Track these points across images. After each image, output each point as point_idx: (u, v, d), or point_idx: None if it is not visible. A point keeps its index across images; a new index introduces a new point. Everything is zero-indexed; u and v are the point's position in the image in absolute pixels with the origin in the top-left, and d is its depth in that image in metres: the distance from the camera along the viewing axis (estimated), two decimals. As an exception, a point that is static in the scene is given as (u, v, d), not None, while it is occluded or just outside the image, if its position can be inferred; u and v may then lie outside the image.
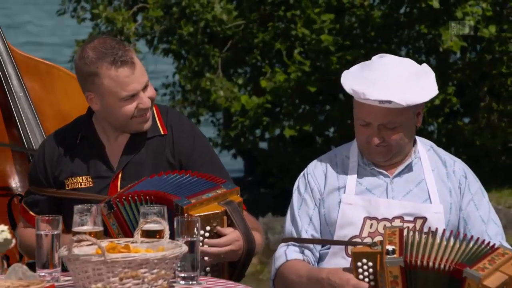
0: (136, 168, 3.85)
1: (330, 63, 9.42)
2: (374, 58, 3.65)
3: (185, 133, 3.97)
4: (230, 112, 10.02)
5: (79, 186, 3.85)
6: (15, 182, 4.65)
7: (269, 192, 10.56)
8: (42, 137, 4.58)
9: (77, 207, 3.45)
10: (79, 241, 3.24)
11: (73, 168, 3.89)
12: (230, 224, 3.65)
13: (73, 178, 3.85)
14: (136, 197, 3.68)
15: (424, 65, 3.61)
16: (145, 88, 3.79)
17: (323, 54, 9.43)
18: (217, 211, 3.65)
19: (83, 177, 3.85)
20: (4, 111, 4.66)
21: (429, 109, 9.23)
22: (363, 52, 9.44)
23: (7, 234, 3.06)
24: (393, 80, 3.53)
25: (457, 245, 3.39)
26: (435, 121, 9.83)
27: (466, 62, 9.05)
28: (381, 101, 3.48)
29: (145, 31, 10.30)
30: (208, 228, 3.64)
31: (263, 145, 10.64)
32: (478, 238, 3.43)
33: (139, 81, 3.78)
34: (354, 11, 9.46)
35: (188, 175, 3.76)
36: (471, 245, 3.40)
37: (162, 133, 3.91)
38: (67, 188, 3.85)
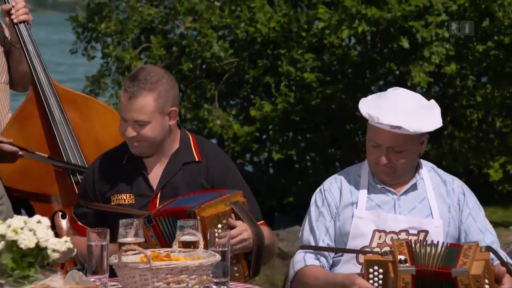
0: (173, 188, 3.86)
1: (312, 96, 9.40)
2: (389, 90, 3.69)
3: (219, 163, 3.97)
4: (223, 139, 9.95)
5: (123, 202, 3.86)
6: (55, 198, 4.59)
7: (258, 209, 10.50)
8: (81, 159, 4.57)
9: (122, 221, 3.49)
10: (127, 250, 3.26)
11: (118, 186, 3.90)
12: (238, 220, 3.69)
13: (118, 195, 3.87)
14: (161, 214, 3.64)
15: (432, 101, 3.64)
16: (136, 123, 3.77)
17: (305, 89, 9.42)
18: (225, 210, 3.67)
19: (127, 194, 3.87)
20: (48, 138, 4.61)
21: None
22: (341, 87, 9.43)
23: (70, 244, 3.06)
24: (404, 110, 3.54)
25: (432, 250, 3.38)
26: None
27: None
28: (392, 126, 3.50)
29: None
30: (219, 225, 3.65)
31: (249, 168, 10.59)
32: (443, 242, 3.44)
33: (129, 113, 3.77)
34: (333, 51, 9.43)
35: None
36: (441, 248, 3.39)
37: (197, 160, 3.91)
38: (112, 203, 3.83)
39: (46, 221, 3.06)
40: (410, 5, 8.76)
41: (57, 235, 4.26)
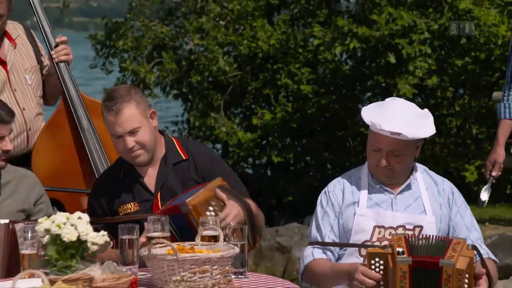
0: (169, 189, 3.86)
1: (308, 106, 9.40)
2: (387, 100, 3.67)
3: (204, 156, 3.97)
4: (228, 145, 9.94)
5: (129, 211, 3.86)
6: (83, 197, 4.58)
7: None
8: (107, 163, 4.56)
9: (150, 218, 3.49)
10: (157, 243, 3.29)
11: (121, 198, 3.90)
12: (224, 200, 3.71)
13: (123, 205, 3.87)
14: (163, 213, 3.63)
15: (426, 110, 3.63)
16: (130, 132, 3.78)
17: (302, 99, 9.41)
18: (210, 194, 3.69)
19: (131, 203, 3.87)
20: (77, 143, 4.61)
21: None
22: (334, 98, 9.45)
23: (107, 238, 3.08)
24: (402, 118, 3.53)
25: (429, 242, 3.36)
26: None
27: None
28: (392, 133, 3.49)
29: (160, 80, 10.21)
30: (211, 208, 3.68)
31: (251, 170, 10.58)
32: (435, 236, 3.43)
33: (123, 125, 3.77)
34: (327, 65, 9.42)
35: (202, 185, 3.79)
36: (433, 241, 3.37)
37: (184, 158, 3.92)
38: (120, 214, 3.81)
39: (86, 217, 3.09)
40: (396, 25, 8.79)
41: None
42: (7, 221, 3.58)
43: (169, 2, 10.61)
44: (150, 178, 3.91)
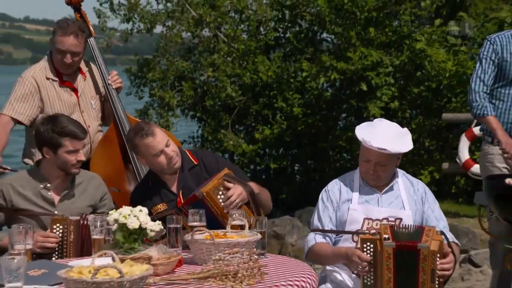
0: (188, 189, 3.86)
1: (298, 124, 9.43)
2: (375, 120, 3.67)
3: (211, 158, 3.98)
4: (234, 154, 9.92)
5: (160, 210, 3.85)
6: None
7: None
8: (146, 168, 4.41)
9: (191, 211, 3.48)
10: (197, 231, 3.31)
11: (152, 200, 3.89)
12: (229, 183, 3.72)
13: (154, 206, 3.86)
14: (185, 204, 3.65)
15: (405, 128, 3.61)
16: (167, 145, 3.80)
17: (293, 119, 9.43)
18: (219, 181, 3.70)
19: (160, 204, 3.87)
20: (124, 153, 4.60)
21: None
22: (318, 117, 9.47)
23: (161, 226, 3.11)
24: (387, 136, 3.51)
25: (408, 231, 3.36)
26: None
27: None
28: (379, 148, 3.49)
29: (181, 103, 10.23)
30: (220, 193, 3.69)
31: (251, 175, 10.57)
32: (412, 225, 3.42)
33: (161, 142, 3.79)
34: (313, 92, 9.44)
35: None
36: (411, 229, 3.37)
37: (196, 163, 3.94)
38: (153, 214, 3.74)
39: (145, 210, 3.12)
40: (367, 61, 8.82)
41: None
42: (78, 217, 3.62)
43: (188, 42, 10.62)
44: (172, 183, 3.92)
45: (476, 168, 7.85)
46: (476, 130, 7.77)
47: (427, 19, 9.59)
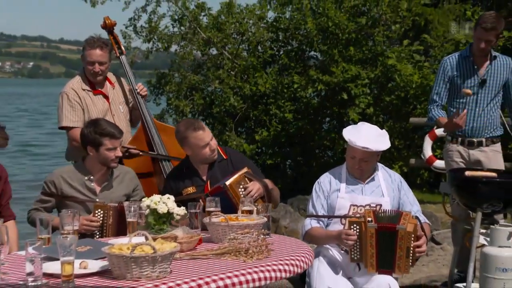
0: (215, 178, 3.86)
1: (290, 127, 9.44)
2: (359, 124, 3.69)
3: (237, 156, 3.97)
4: (236, 152, 9.91)
5: (189, 192, 3.87)
6: (154, 183, 4.54)
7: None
8: (170, 165, 4.50)
9: (208, 198, 3.47)
10: (214, 215, 3.33)
11: (185, 183, 3.90)
12: (250, 181, 3.75)
13: (185, 188, 3.88)
14: (211, 192, 3.65)
15: (384, 130, 3.62)
16: (211, 139, 3.85)
17: (286, 123, 9.42)
18: (240, 177, 3.72)
19: (191, 187, 3.88)
20: (150, 148, 4.60)
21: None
22: (306, 121, 9.42)
23: (185, 211, 3.13)
24: (369, 137, 3.52)
25: (387, 214, 3.37)
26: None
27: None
28: (363, 147, 3.50)
29: (192, 110, 10.18)
30: (241, 187, 3.70)
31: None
32: (391, 210, 3.42)
33: (207, 136, 3.83)
34: (302, 100, 9.38)
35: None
36: (390, 213, 3.39)
37: (225, 158, 3.95)
38: (183, 194, 3.77)
39: (172, 198, 3.14)
40: (347, 74, 8.83)
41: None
42: (115, 204, 3.66)
43: (198, 59, 10.58)
44: (203, 172, 3.93)
45: (437, 163, 7.87)
46: (438, 131, 7.79)
47: (396, 40, 9.61)
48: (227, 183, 3.65)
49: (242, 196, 3.61)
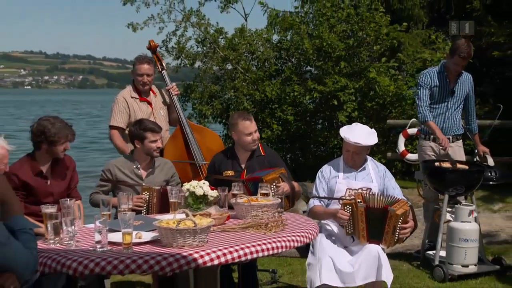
0: (252, 167, 3.80)
1: (292, 127, 9.39)
2: (353, 124, 3.61)
3: (273, 155, 3.85)
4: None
5: (228, 174, 3.79)
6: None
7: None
8: (202, 157, 4.45)
9: (233, 183, 3.45)
10: (239, 197, 3.32)
11: (226, 166, 3.81)
12: (282, 181, 3.63)
13: (226, 171, 3.81)
14: (247, 180, 3.58)
15: (373, 129, 3.57)
16: (255, 131, 3.75)
17: (288, 124, 9.37)
18: (276, 176, 3.62)
19: (230, 171, 3.80)
20: (186, 147, 4.57)
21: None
22: (304, 123, 9.38)
23: (217, 193, 3.12)
24: (362, 134, 3.49)
25: (382, 198, 3.35)
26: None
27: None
28: (356, 143, 3.47)
29: (213, 114, 10.16)
30: (274, 183, 3.59)
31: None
32: (390, 195, 3.41)
33: (253, 127, 3.74)
34: (301, 105, 9.39)
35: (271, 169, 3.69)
36: (388, 198, 3.36)
37: (263, 154, 3.87)
38: (223, 175, 3.77)
39: (207, 183, 3.14)
40: (338, 85, 8.79)
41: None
42: (159, 187, 3.66)
43: (217, 73, 10.56)
44: (243, 160, 3.81)
45: (409, 156, 7.89)
46: (410, 130, 7.79)
47: (376, 58, 9.59)
48: (264, 177, 3.53)
49: (272, 192, 3.50)
